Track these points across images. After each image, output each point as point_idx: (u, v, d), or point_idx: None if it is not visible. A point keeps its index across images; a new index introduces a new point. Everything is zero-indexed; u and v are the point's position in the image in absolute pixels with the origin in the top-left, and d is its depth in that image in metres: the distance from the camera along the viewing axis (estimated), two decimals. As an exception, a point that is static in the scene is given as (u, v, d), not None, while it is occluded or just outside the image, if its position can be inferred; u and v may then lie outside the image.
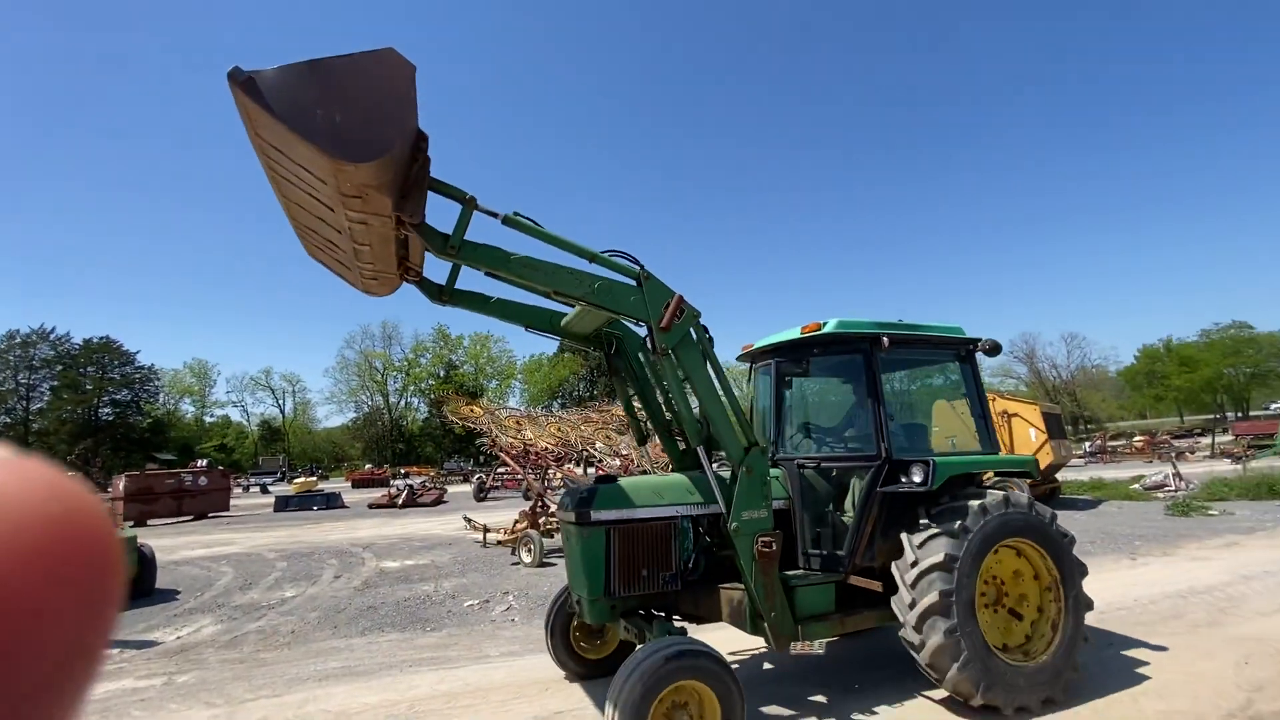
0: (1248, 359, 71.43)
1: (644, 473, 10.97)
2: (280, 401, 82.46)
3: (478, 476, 27.83)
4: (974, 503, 4.44)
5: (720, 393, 4.24)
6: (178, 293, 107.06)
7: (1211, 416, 68.27)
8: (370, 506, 24.30)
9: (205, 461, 37.47)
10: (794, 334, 5.18)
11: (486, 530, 12.57)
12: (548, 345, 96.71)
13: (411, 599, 8.33)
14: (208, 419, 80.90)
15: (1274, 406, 62.80)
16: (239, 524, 20.61)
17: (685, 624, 4.58)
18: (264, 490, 41.30)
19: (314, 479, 36.32)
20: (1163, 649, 5.29)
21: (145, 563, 9.17)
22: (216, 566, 11.70)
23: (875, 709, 4.50)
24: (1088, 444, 41.33)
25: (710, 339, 4.38)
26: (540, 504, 12.15)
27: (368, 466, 57.90)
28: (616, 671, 3.62)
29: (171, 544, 15.18)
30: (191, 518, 23.16)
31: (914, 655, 4.29)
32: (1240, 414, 65.48)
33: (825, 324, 4.95)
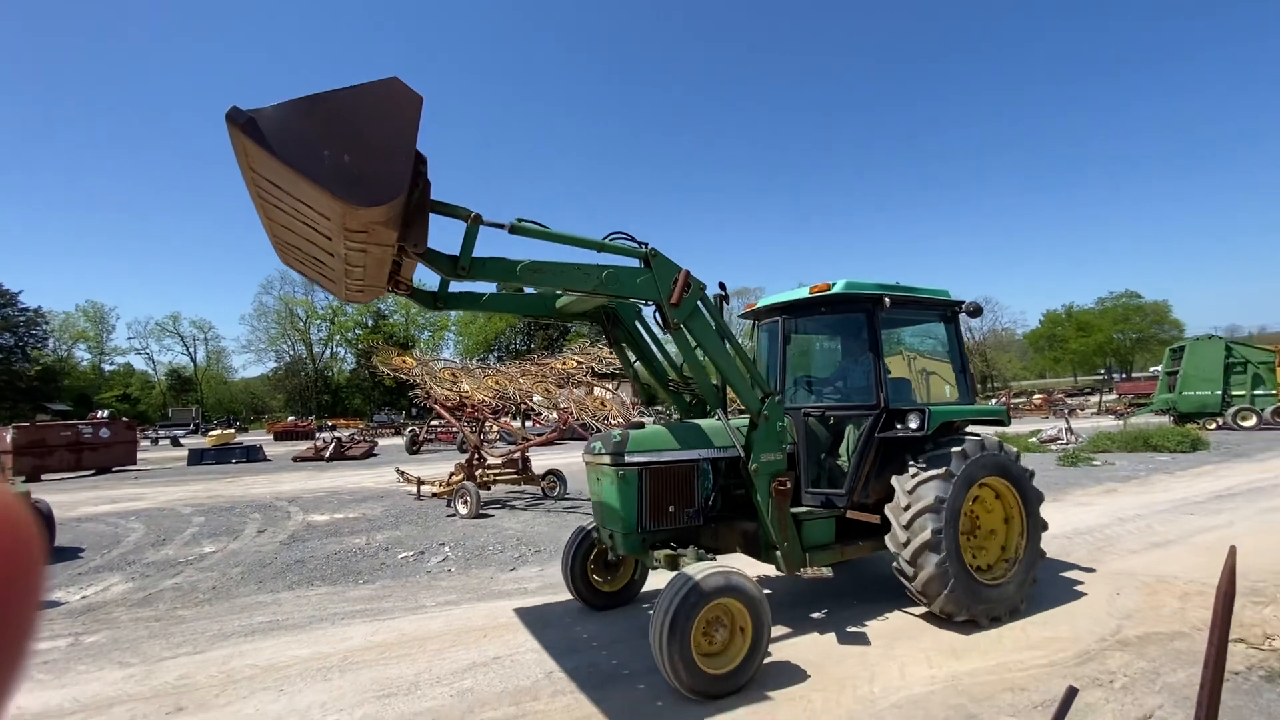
0: (1135, 325, 78.33)
1: (584, 426, 11.01)
2: (190, 350, 77.16)
3: (410, 429, 27.18)
4: (957, 448, 5.00)
5: (733, 354, 4.58)
6: (65, 228, 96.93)
7: (1100, 377, 74.82)
8: (295, 460, 23.38)
9: (106, 412, 34.71)
10: (802, 293, 5.55)
11: (421, 483, 12.36)
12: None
13: (342, 552, 8.14)
14: (107, 367, 74.81)
15: (1153, 369, 69.32)
16: (148, 479, 19.40)
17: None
18: (175, 443, 38.91)
19: (231, 431, 34.39)
20: (1049, 584, 5.87)
21: (42, 520, 8.52)
22: (124, 523, 11.01)
23: (865, 623, 5.13)
24: (994, 401, 44.58)
25: (726, 296, 5.10)
26: (476, 456, 12.02)
27: (291, 419, 55.38)
28: (659, 593, 3.95)
29: (71, 500, 14.15)
30: (93, 472, 21.60)
31: (906, 583, 4.92)
32: (1125, 375, 72.00)
33: (834, 284, 5.34)
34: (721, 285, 5.52)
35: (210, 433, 33.40)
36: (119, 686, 4.35)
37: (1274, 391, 22.01)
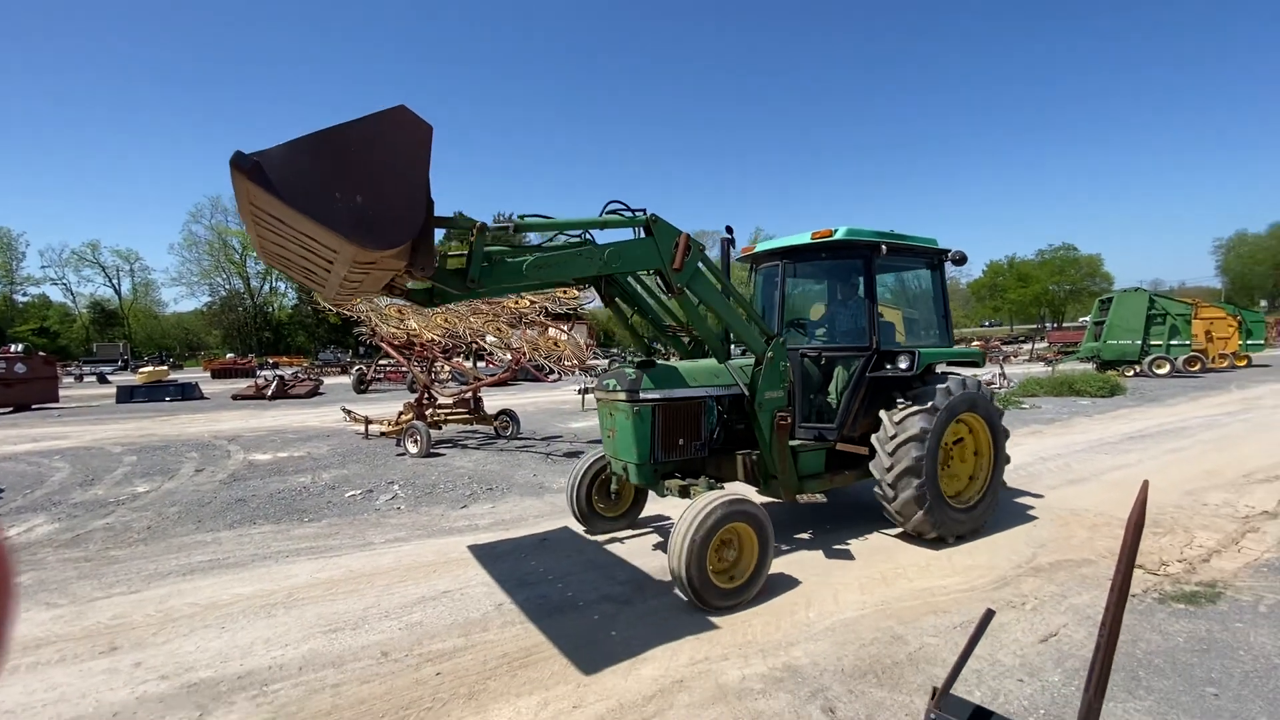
0: (1070, 277, 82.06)
1: (537, 367, 10.90)
2: (115, 281, 72.16)
3: (357, 368, 26.44)
4: (941, 385, 5.48)
5: (735, 305, 4.89)
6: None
7: (1034, 327, 78.70)
8: (234, 398, 22.53)
9: (20, 346, 32.37)
10: (804, 238, 5.82)
11: (369, 422, 12.11)
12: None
13: (286, 490, 7.97)
14: (19, 298, 69.38)
15: (1082, 319, 73.20)
16: (73, 417, 18.38)
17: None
18: (102, 380, 36.80)
19: (164, 369, 32.74)
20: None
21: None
22: (48, 462, 10.46)
23: (847, 541, 5.67)
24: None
25: (733, 241, 5.76)
26: (426, 396, 11.81)
27: (229, 356, 53.02)
28: (677, 517, 4.41)
29: (-14, 438, 13.31)
30: (10, 410, 20.30)
31: (885, 505, 5.43)
32: (1056, 325, 75.90)
33: (836, 231, 5.61)
34: (729, 229, 5.88)
35: (141, 369, 31.72)
36: (47, 628, 4.20)
37: (1188, 342, 23.62)
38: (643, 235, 4.36)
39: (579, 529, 6.07)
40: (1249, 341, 27.02)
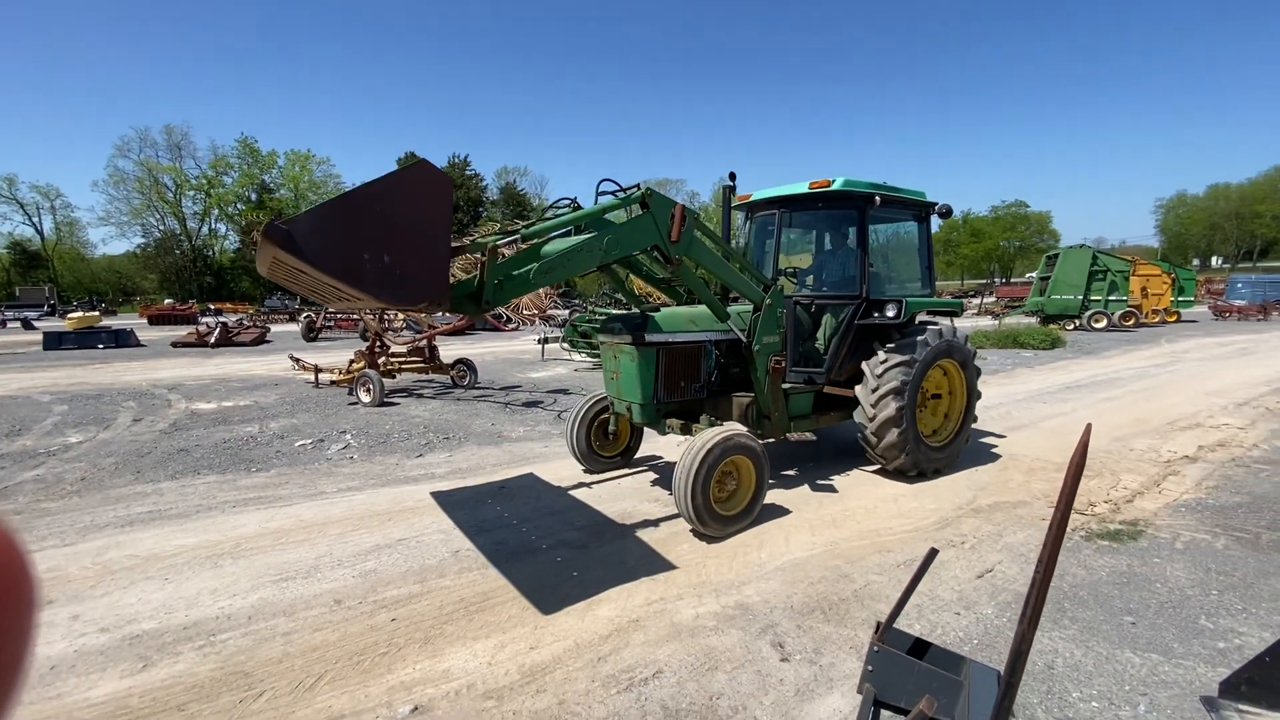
0: (1020, 234, 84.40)
1: (495, 316, 10.66)
2: (35, 220, 66.95)
3: (306, 315, 25.45)
4: (921, 336, 5.80)
5: (734, 264, 5.03)
6: None
7: (984, 282, 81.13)
8: (175, 345, 21.46)
9: (-69, 289, 29.91)
10: (802, 188, 5.95)
11: (319, 370, 11.73)
12: (384, 169, 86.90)
13: (232, 440, 7.69)
14: (-74, 236, 63.81)
15: (1029, 275, 75.69)
16: (-5, 364, 17.23)
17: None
18: (27, 325, 34.54)
19: (96, 314, 30.80)
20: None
21: None
22: (-32, 411, 9.80)
23: (830, 477, 6.09)
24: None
25: (734, 188, 6.11)
26: (379, 344, 11.47)
27: (168, 302, 50.36)
28: (682, 449, 4.72)
29: (-104, 386, 12.38)
30: (-77, 356, 18.89)
31: (869, 449, 5.82)
32: (1004, 280, 78.32)
33: (834, 181, 5.76)
34: (731, 175, 6.09)
35: (70, 315, 29.82)
36: (-28, 582, 3.99)
37: (1125, 298, 24.76)
38: (639, 212, 4.34)
39: (544, 476, 6.09)
40: (1180, 298, 28.53)
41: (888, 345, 5.81)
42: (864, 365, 5.81)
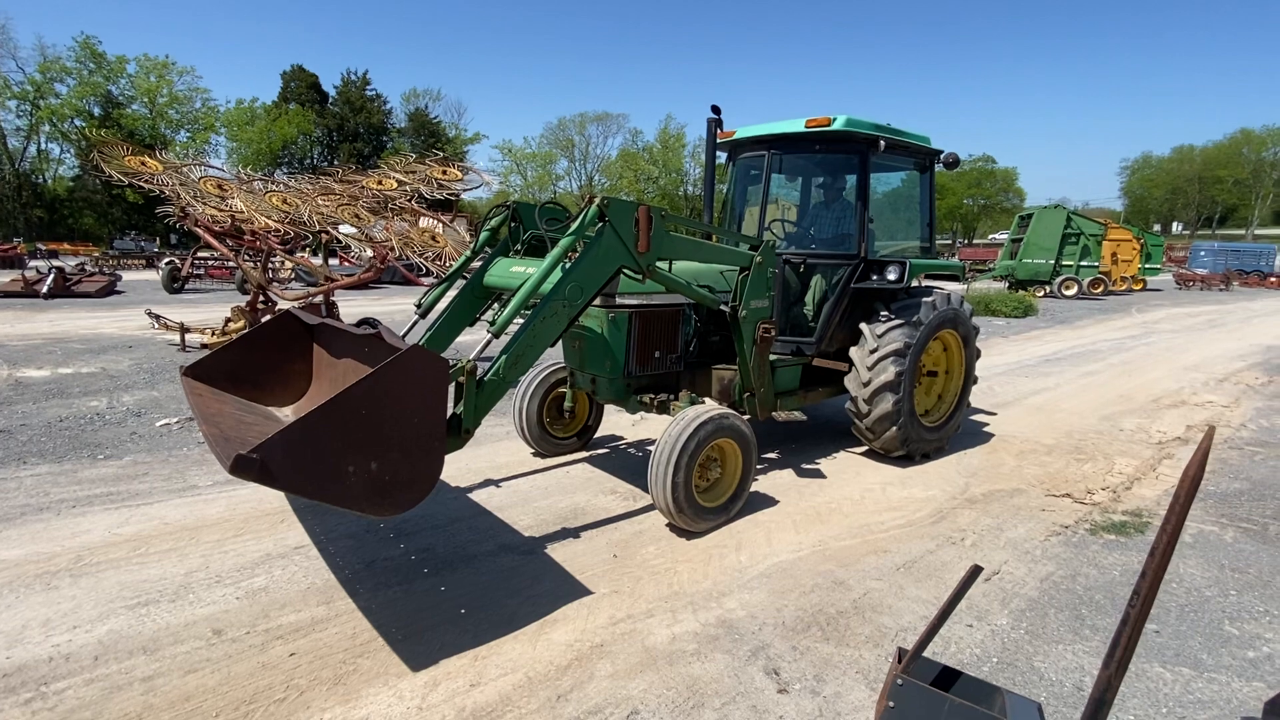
0: (985, 191, 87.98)
1: (408, 267, 9.99)
2: None
3: (168, 261, 23.35)
4: (927, 299, 5.73)
5: (715, 239, 5.07)
6: None
7: (947, 242, 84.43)
8: (-7, 295, 19.33)
9: None
10: (797, 126, 5.67)
11: (186, 330, 10.70)
12: (263, 90, 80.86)
13: (71, 418, 6.86)
14: None
15: (994, 236, 79.37)
16: None
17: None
18: None
19: (-115, 252, 27.38)
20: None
21: None
22: None
23: (816, 460, 6.05)
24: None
25: (720, 122, 5.91)
26: (262, 298, 10.56)
27: (-15, 239, 45.40)
28: (661, 432, 4.37)
29: None
30: None
31: (857, 421, 5.75)
32: (966, 241, 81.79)
33: (835, 119, 5.48)
34: (715, 109, 5.87)
35: None
36: None
37: (1097, 263, 26.17)
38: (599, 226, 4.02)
39: (479, 462, 5.68)
40: (1147, 265, 30.46)
41: (892, 305, 5.76)
42: (862, 325, 5.71)
